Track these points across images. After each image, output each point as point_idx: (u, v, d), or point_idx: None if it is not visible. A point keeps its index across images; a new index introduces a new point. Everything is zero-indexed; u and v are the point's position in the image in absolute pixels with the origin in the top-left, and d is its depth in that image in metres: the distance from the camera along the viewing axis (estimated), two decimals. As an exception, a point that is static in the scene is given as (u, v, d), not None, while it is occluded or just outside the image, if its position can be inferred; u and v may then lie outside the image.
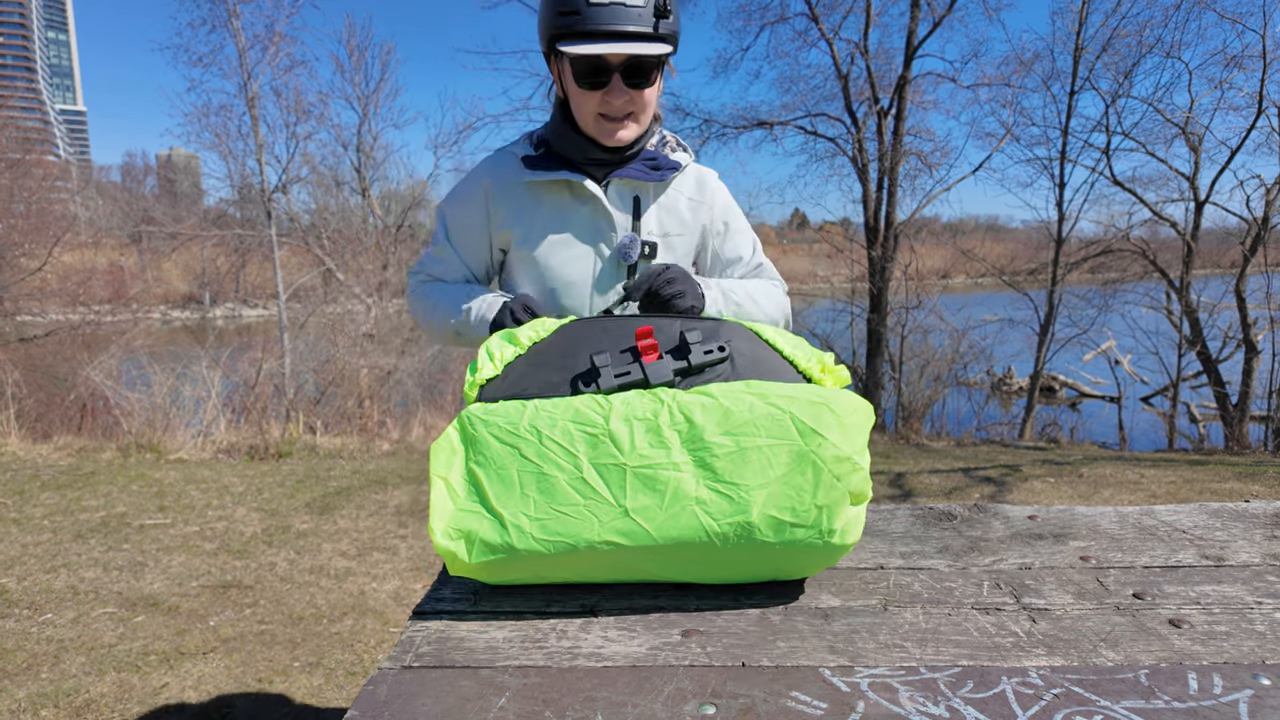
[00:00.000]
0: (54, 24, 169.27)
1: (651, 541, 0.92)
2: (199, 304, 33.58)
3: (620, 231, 1.31)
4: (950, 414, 12.37)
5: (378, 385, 9.65)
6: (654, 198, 1.33)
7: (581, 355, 1.04)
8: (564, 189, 1.30)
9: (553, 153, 1.30)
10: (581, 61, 1.17)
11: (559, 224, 1.30)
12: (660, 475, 0.93)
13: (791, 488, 0.93)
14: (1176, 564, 1.12)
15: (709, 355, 1.02)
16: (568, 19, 1.14)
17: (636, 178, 1.29)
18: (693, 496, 0.93)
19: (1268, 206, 10.34)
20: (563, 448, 0.94)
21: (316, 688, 2.63)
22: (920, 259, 13.88)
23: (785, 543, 0.93)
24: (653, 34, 1.16)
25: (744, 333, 1.07)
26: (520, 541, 0.92)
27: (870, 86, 12.68)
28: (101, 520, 4.37)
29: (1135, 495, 5.39)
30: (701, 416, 0.95)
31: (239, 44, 13.47)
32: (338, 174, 16.84)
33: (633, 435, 0.95)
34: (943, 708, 0.76)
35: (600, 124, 1.23)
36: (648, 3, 1.14)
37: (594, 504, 0.93)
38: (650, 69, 1.19)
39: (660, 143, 1.35)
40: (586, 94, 1.20)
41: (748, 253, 1.40)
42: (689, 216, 1.36)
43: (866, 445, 0.99)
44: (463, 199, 1.34)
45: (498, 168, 1.32)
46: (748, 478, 0.93)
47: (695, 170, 1.39)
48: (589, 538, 0.92)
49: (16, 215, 13.64)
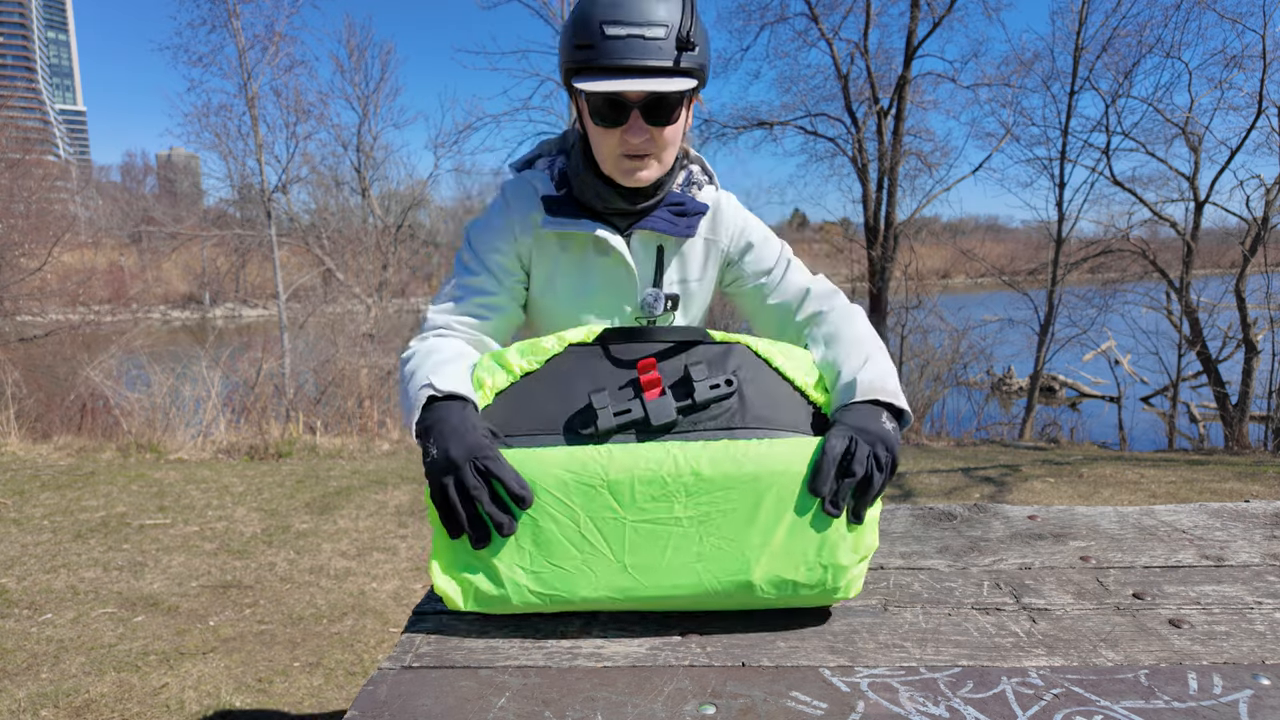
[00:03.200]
0: (54, 24, 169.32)
1: (648, 598, 0.91)
2: (199, 304, 33.58)
3: (642, 285, 1.25)
4: (950, 414, 12.38)
5: (378, 385, 9.65)
6: (677, 247, 1.27)
7: (578, 390, 0.98)
8: (586, 240, 1.24)
9: (573, 196, 1.23)
10: (598, 98, 1.10)
11: (579, 275, 1.24)
12: (661, 531, 0.90)
13: (797, 547, 0.90)
14: (1176, 564, 1.12)
15: (715, 390, 0.96)
16: (583, 53, 1.07)
17: (662, 230, 1.22)
18: (694, 553, 0.90)
19: (1268, 206, 10.34)
20: (559, 500, 0.90)
21: (316, 688, 2.63)
22: (920, 259, 13.90)
23: (788, 599, 0.92)
24: (674, 68, 1.08)
25: (751, 360, 1.00)
26: (516, 596, 0.90)
27: (870, 86, 12.70)
28: (101, 520, 4.37)
29: (1135, 495, 5.39)
30: (710, 469, 0.90)
31: (239, 44, 13.49)
32: (338, 174, 16.88)
33: (633, 488, 0.90)
34: (943, 708, 0.76)
35: (620, 163, 1.15)
36: (669, 35, 1.06)
37: (591, 559, 0.90)
38: (673, 106, 1.11)
39: (686, 181, 1.28)
40: (605, 132, 1.13)
41: (773, 261, 1.31)
42: (704, 259, 1.30)
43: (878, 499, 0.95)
44: (493, 228, 1.25)
45: (520, 202, 1.24)
46: (752, 537, 0.89)
47: (713, 205, 1.30)
48: (585, 594, 0.90)
49: (16, 215, 13.64)
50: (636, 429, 0.95)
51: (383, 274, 15.68)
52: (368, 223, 16.93)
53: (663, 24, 1.05)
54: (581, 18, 1.07)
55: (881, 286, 12.56)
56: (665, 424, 0.95)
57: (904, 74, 12.41)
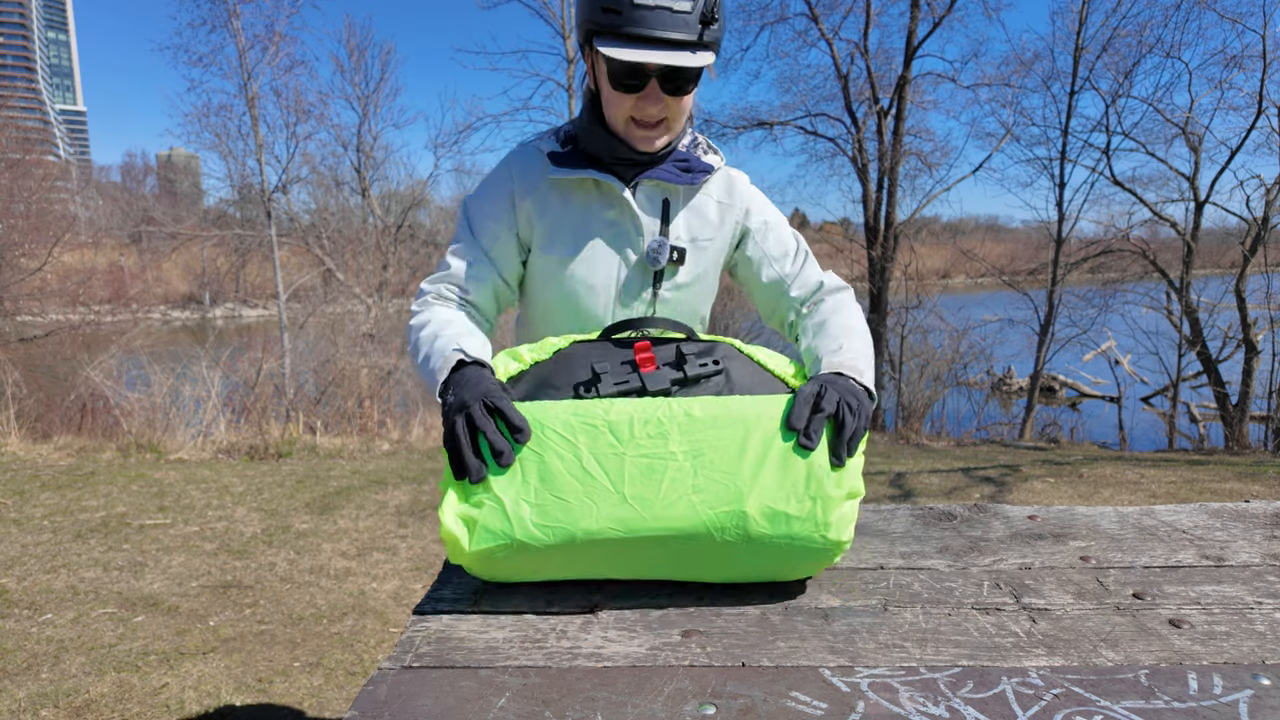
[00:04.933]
0: (54, 24, 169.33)
1: (648, 529, 0.94)
2: (199, 304, 33.59)
3: (648, 235, 1.25)
4: (950, 414, 12.39)
5: (378, 385, 9.65)
6: (684, 201, 1.28)
7: (581, 366, 1.06)
8: (591, 189, 1.25)
9: (580, 150, 1.24)
10: (618, 64, 1.11)
11: (584, 225, 1.25)
12: (657, 464, 0.95)
13: (786, 479, 0.95)
14: (1176, 564, 1.12)
15: (704, 369, 1.04)
16: (609, 17, 1.08)
17: (667, 180, 1.24)
18: (689, 485, 0.95)
19: (1268, 206, 10.34)
20: (563, 438, 0.96)
21: (316, 688, 2.63)
22: (920, 259, 13.90)
23: (782, 536, 0.95)
24: (697, 42, 1.09)
25: (736, 354, 1.09)
26: (520, 530, 0.93)
27: (870, 86, 12.70)
28: (101, 520, 4.38)
29: (1135, 495, 5.39)
30: (701, 410, 0.98)
31: (239, 44, 13.49)
32: (338, 174, 16.88)
33: (632, 426, 0.97)
34: (943, 708, 0.76)
35: (632, 128, 1.17)
36: (694, 9, 1.07)
37: (593, 491, 0.94)
38: (690, 79, 1.14)
39: (692, 144, 1.29)
40: (621, 96, 1.14)
41: (793, 246, 1.33)
42: (718, 220, 1.30)
43: None
44: (489, 195, 1.27)
45: (522, 163, 1.26)
46: (743, 468, 0.95)
47: (725, 173, 1.33)
48: (586, 526, 0.94)
49: (17, 215, 13.64)
50: (634, 396, 1.03)
51: (383, 274, 15.69)
52: (368, 223, 16.94)
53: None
54: None
55: (881, 286, 12.56)
56: (659, 391, 1.03)
57: (904, 74, 12.41)
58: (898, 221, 12.90)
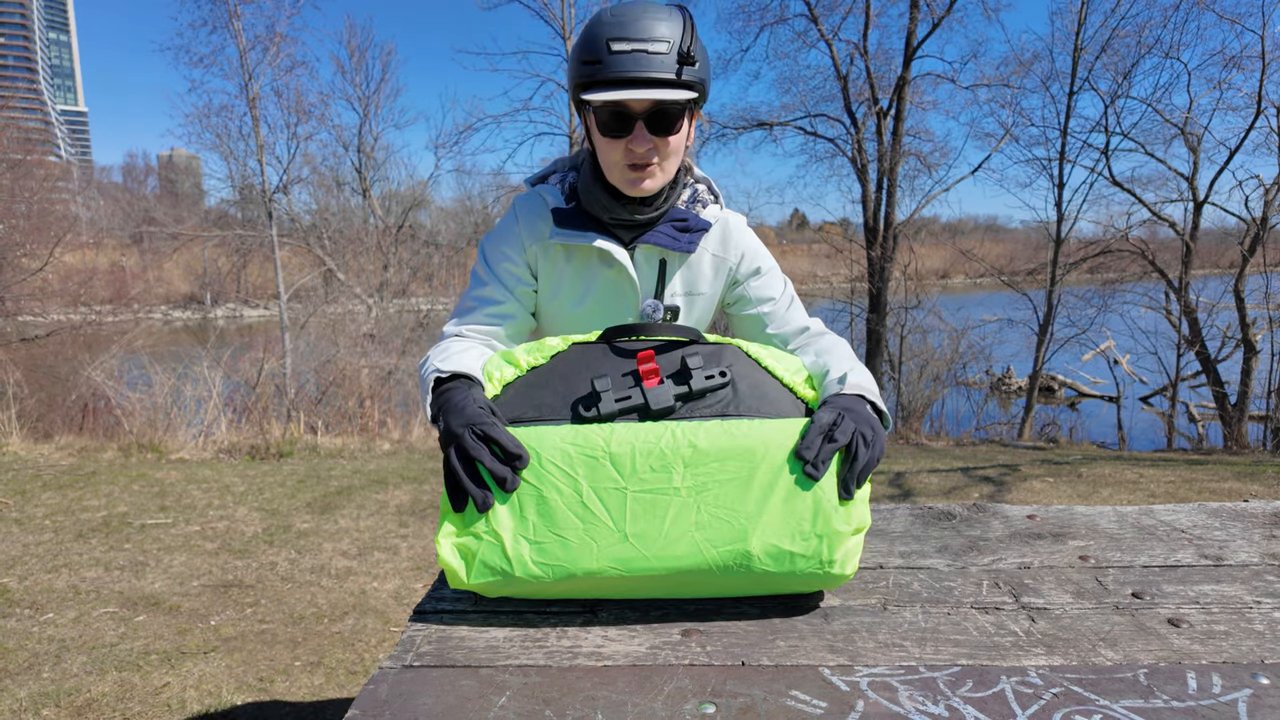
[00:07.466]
0: (55, 24, 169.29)
1: (649, 569, 0.92)
2: (200, 304, 33.57)
3: (643, 296, 1.31)
4: (949, 414, 12.39)
5: (378, 385, 9.65)
6: (680, 262, 1.33)
7: (581, 378, 1.02)
8: (591, 251, 1.30)
9: (582, 209, 1.29)
10: (604, 110, 1.17)
11: (583, 286, 1.31)
12: (660, 500, 0.92)
13: (791, 516, 0.92)
14: (1175, 564, 1.13)
15: (710, 381, 1.01)
16: (591, 68, 1.14)
17: (664, 245, 1.29)
18: (693, 522, 0.92)
19: (1266, 206, 10.34)
20: (562, 470, 0.93)
21: (317, 687, 2.63)
22: (919, 259, 13.90)
23: (785, 572, 0.93)
24: (675, 80, 1.15)
25: (743, 358, 1.06)
26: (519, 569, 0.92)
27: (870, 87, 12.70)
28: (103, 520, 4.38)
29: (1134, 495, 5.39)
30: (706, 441, 0.94)
31: (240, 45, 13.51)
32: (338, 174, 16.91)
33: (634, 459, 0.93)
34: (942, 707, 0.76)
35: (624, 173, 1.21)
36: (671, 50, 1.13)
37: (593, 528, 0.92)
38: (675, 116, 1.18)
39: (691, 199, 1.34)
40: (611, 143, 1.19)
41: (778, 292, 1.37)
42: (712, 274, 1.35)
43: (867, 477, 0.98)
44: (502, 239, 1.33)
45: (529, 215, 1.32)
46: (748, 504, 0.92)
47: (722, 223, 1.36)
48: (587, 566, 0.91)
49: (18, 216, 13.64)
50: (637, 414, 0.99)
51: (383, 274, 15.70)
52: (368, 223, 16.95)
53: (664, 40, 1.13)
54: (589, 36, 1.15)
55: (881, 286, 12.56)
56: (664, 409, 0.99)
57: (903, 74, 12.41)
58: (897, 222, 12.90)
